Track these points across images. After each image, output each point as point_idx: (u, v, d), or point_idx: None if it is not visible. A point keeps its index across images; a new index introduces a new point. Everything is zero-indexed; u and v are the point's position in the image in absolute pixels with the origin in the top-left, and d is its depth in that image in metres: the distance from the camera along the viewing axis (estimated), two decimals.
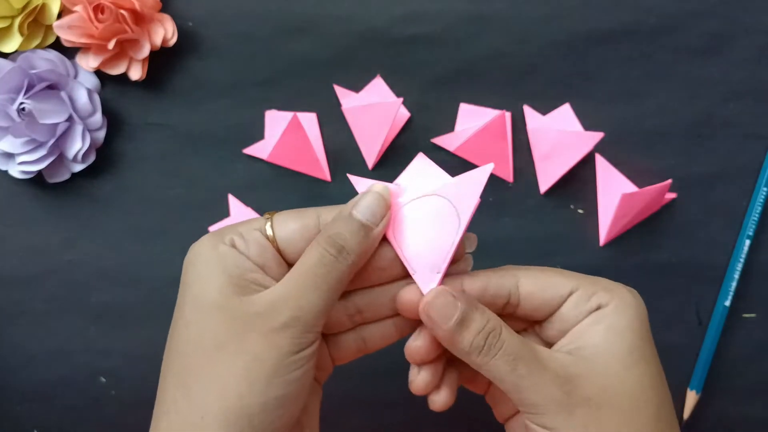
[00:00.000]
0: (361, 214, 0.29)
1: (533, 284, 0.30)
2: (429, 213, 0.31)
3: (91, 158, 0.44)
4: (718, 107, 0.45)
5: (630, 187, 0.43)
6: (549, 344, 0.30)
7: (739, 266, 0.44)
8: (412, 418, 0.44)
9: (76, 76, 0.44)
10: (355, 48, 0.45)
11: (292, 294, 0.28)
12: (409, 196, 0.31)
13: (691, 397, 0.43)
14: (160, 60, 0.45)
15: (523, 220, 0.45)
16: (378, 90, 0.44)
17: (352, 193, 0.31)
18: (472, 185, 0.30)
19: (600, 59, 0.45)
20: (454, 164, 0.44)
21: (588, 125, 0.44)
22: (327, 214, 0.30)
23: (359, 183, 0.32)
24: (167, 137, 0.45)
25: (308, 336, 0.28)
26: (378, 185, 0.31)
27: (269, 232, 0.30)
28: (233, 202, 0.45)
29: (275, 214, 0.31)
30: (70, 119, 0.43)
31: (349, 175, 0.33)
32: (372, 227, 0.30)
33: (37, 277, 0.45)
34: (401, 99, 0.43)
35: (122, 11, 0.41)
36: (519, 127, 0.45)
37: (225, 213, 0.45)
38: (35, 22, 0.43)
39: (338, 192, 0.45)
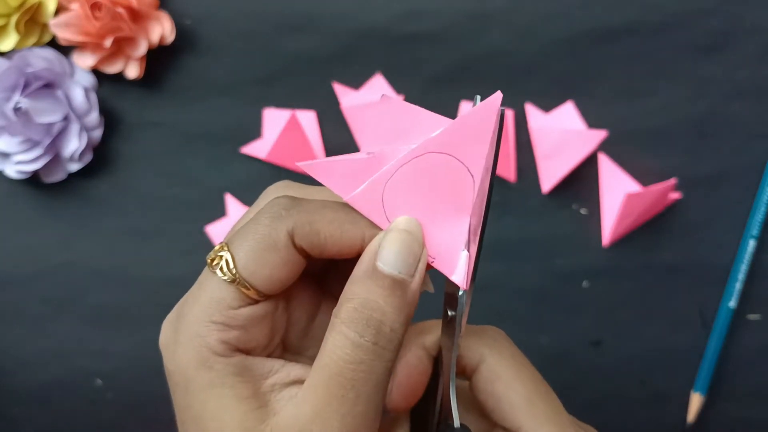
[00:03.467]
0: (388, 265, 0.22)
1: (491, 378, 0.25)
2: (428, 178, 0.23)
3: (88, 158, 0.44)
4: (722, 106, 0.44)
5: (634, 187, 0.43)
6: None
7: (744, 267, 0.43)
8: None
9: (72, 75, 0.44)
10: (354, 45, 0.44)
11: (328, 411, 0.21)
12: (392, 160, 0.23)
13: (696, 400, 0.43)
14: (158, 58, 0.44)
15: (525, 221, 0.44)
16: (378, 88, 0.44)
17: None
18: (479, 125, 0.22)
19: (603, 57, 0.44)
20: None
21: (591, 124, 0.44)
22: (280, 223, 0.22)
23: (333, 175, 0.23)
24: (164, 136, 0.45)
25: None
26: (402, 221, 0.23)
27: (234, 275, 0.22)
28: (231, 201, 0.44)
29: (227, 256, 0.22)
30: (66, 118, 0.42)
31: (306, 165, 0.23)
32: (407, 280, 0.22)
33: (33, 278, 0.45)
34: (402, 97, 0.42)
35: (119, 9, 0.41)
36: (521, 125, 0.44)
37: (222, 212, 0.44)
38: (32, 20, 0.43)
39: None
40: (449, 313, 0.25)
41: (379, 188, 0.23)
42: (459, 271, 0.23)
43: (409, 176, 0.23)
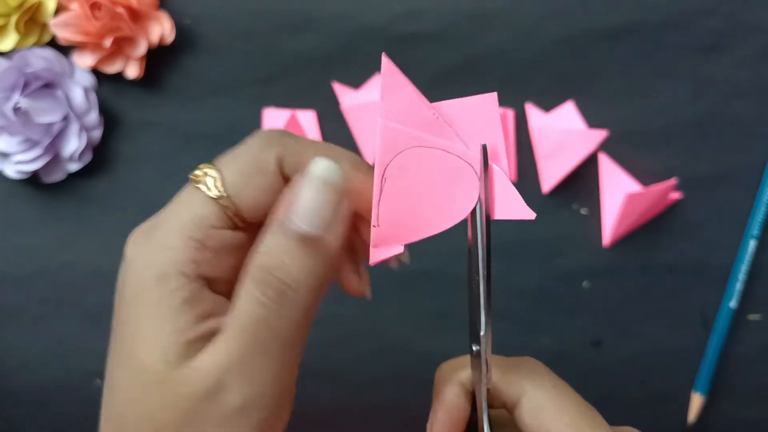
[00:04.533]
0: (305, 222, 0.21)
1: (536, 411, 0.25)
2: (445, 178, 0.23)
3: (88, 158, 0.44)
4: (723, 106, 0.44)
5: (634, 187, 0.43)
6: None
7: (745, 267, 0.43)
8: (408, 423, 0.44)
9: (72, 75, 0.44)
10: (354, 45, 0.44)
11: (239, 365, 0.20)
12: (444, 138, 0.23)
13: (697, 400, 0.43)
14: (158, 58, 0.44)
15: (525, 221, 0.44)
16: (378, 88, 0.44)
17: None
18: (484, 118, 0.23)
19: (603, 57, 0.44)
20: None
21: (591, 124, 0.44)
22: (287, 145, 0.22)
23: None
24: (164, 136, 0.45)
25: (275, 410, 0.21)
26: (320, 166, 0.21)
27: (221, 192, 0.22)
28: None
29: (213, 173, 0.22)
30: (66, 118, 0.42)
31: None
32: (322, 237, 0.21)
33: (32, 278, 0.44)
34: None
35: (119, 9, 0.41)
36: (521, 125, 0.44)
37: None
38: (31, 20, 0.43)
39: None
40: (473, 348, 0.25)
41: (407, 143, 0.22)
42: (380, 253, 0.23)
43: (432, 161, 0.22)
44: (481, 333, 0.24)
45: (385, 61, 0.22)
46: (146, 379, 0.21)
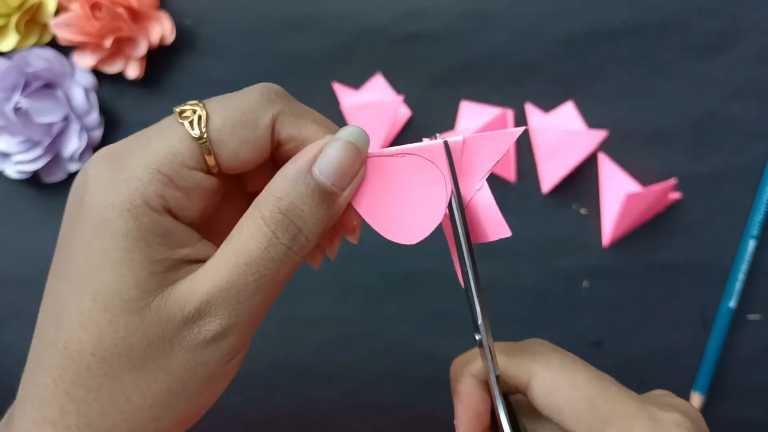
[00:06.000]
0: (324, 175, 0.21)
1: (547, 392, 0.25)
2: (409, 178, 0.23)
3: (88, 157, 0.43)
4: (722, 106, 0.44)
5: (634, 187, 0.43)
6: None
7: (744, 267, 0.43)
8: (408, 423, 0.44)
9: (72, 75, 0.44)
10: (354, 45, 0.44)
11: (227, 295, 0.20)
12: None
13: (696, 399, 0.43)
14: (158, 58, 0.44)
15: (525, 221, 0.44)
16: (378, 88, 0.44)
17: None
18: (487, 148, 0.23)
19: (603, 57, 0.44)
20: None
21: (591, 124, 0.44)
22: (269, 104, 0.22)
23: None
24: None
25: (242, 342, 0.22)
26: (350, 130, 0.22)
27: (203, 134, 0.21)
28: None
29: (202, 113, 0.21)
30: (66, 118, 0.42)
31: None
32: (338, 194, 0.22)
33: (33, 278, 0.44)
34: (402, 97, 0.42)
35: (119, 9, 0.41)
36: (521, 125, 0.44)
37: None
38: (32, 20, 0.43)
39: None
40: (476, 337, 0.25)
41: (433, 159, 0.23)
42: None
43: (428, 182, 0.23)
44: (479, 321, 0.24)
45: (517, 131, 0.23)
46: (118, 308, 0.20)
